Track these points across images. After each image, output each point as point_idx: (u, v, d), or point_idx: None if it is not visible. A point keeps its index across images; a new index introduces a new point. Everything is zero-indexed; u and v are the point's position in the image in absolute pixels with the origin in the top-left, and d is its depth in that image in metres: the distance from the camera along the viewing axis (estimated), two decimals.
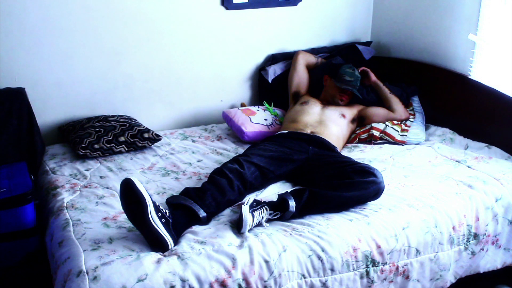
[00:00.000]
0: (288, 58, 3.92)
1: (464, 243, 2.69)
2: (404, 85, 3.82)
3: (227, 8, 3.71)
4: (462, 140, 3.45)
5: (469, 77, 3.55)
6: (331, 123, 3.35)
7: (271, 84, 3.86)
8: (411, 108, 3.68)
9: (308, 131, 3.25)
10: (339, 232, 2.43)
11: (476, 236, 2.73)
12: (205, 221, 2.48)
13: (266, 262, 2.25)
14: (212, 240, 2.31)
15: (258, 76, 3.97)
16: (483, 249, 2.78)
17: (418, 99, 3.78)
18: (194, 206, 2.46)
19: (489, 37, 3.41)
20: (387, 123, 3.53)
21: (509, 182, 2.94)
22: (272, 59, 3.93)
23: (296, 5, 3.95)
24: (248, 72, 3.95)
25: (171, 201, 2.54)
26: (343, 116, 3.45)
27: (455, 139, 3.48)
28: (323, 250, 2.34)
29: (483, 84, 3.43)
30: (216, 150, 3.36)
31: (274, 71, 3.86)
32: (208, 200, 2.51)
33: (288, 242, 2.35)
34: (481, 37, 3.45)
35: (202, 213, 2.46)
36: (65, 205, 2.63)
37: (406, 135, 3.45)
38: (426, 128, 3.64)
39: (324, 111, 3.45)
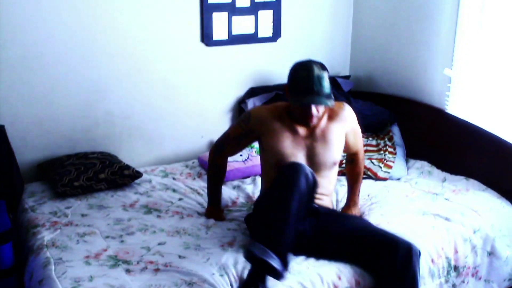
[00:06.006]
0: (268, 91, 3.95)
1: (444, 276, 2.71)
2: (382, 109, 3.85)
3: (207, 45, 3.75)
4: (440, 173, 3.49)
5: (446, 111, 3.61)
6: (324, 179, 2.75)
7: None
8: (392, 142, 3.71)
9: None
10: (320, 271, 2.43)
11: (456, 268, 2.75)
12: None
13: None
14: None
15: (238, 109, 4.00)
16: (464, 281, 2.81)
17: (399, 132, 3.80)
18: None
19: (464, 72, 3.48)
20: (373, 159, 3.54)
21: (486, 213, 2.98)
22: (252, 92, 3.97)
23: (275, 41, 4.01)
24: (228, 106, 3.98)
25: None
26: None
27: (433, 172, 3.52)
28: None
29: (459, 118, 3.49)
30: (196, 190, 3.33)
31: (253, 103, 3.88)
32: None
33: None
34: (456, 71, 3.52)
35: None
36: (45, 243, 2.61)
37: (389, 172, 3.48)
38: (406, 162, 3.68)
39: (311, 157, 2.72)
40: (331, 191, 2.84)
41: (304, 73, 2.56)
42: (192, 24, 3.69)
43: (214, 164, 2.97)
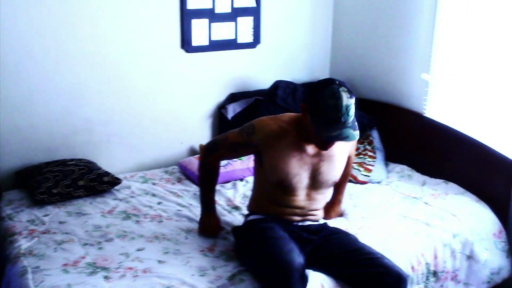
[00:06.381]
0: (248, 97, 3.97)
1: (424, 282, 2.73)
2: (362, 113, 3.87)
3: (187, 51, 3.74)
4: (420, 177, 3.52)
5: (424, 115, 3.63)
6: (321, 196, 2.68)
7: (231, 122, 3.88)
8: (372, 146, 3.73)
9: (297, 218, 2.64)
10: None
11: (435, 273, 2.77)
12: None
13: None
14: None
15: (218, 115, 4.00)
16: (442, 286, 2.83)
17: (378, 136, 3.82)
18: None
19: (441, 76, 3.52)
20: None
21: (465, 217, 3.02)
22: (232, 97, 3.97)
23: (255, 47, 4.02)
24: (208, 111, 3.97)
25: None
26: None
27: (413, 176, 3.55)
28: None
29: (437, 121, 3.53)
30: (176, 193, 3.34)
31: (234, 109, 3.89)
32: None
33: None
34: (434, 76, 3.55)
35: None
36: (22, 252, 2.58)
37: (369, 176, 3.50)
38: (385, 166, 3.70)
39: (315, 176, 2.58)
40: (323, 205, 2.75)
41: (332, 101, 2.28)
42: (172, 31, 3.69)
43: (205, 163, 2.77)
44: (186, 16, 3.68)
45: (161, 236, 2.78)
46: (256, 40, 4.01)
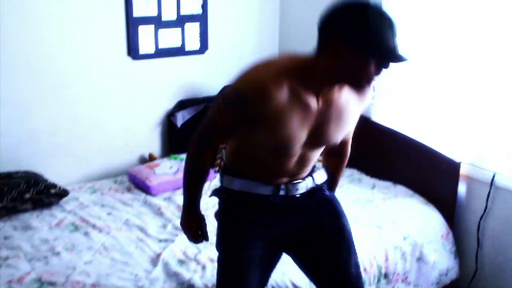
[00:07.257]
0: (197, 103, 3.95)
1: (375, 284, 2.75)
2: None
3: (133, 58, 3.70)
4: (370, 180, 3.57)
5: (371, 119, 3.68)
6: (315, 154, 2.11)
7: (180, 129, 3.86)
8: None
9: (284, 179, 2.09)
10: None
11: (386, 275, 2.80)
12: None
13: None
14: None
15: (168, 123, 3.97)
16: None
17: None
18: None
19: (387, 81, 3.58)
20: None
21: (414, 220, 3.07)
22: (181, 105, 3.95)
23: (203, 53, 4.01)
24: (157, 120, 3.95)
25: None
26: None
27: (363, 179, 3.59)
28: None
29: (383, 125, 3.59)
30: (126, 202, 3.30)
31: (183, 116, 3.87)
32: None
33: None
34: (380, 81, 3.58)
35: None
36: None
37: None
38: None
39: (315, 136, 1.96)
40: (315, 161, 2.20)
41: (388, 30, 1.78)
42: (118, 38, 3.64)
43: (198, 162, 2.07)
44: (132, 23, 3.63)
45: (110, 247, 2.74)
46: (204, 46, 4.00)
